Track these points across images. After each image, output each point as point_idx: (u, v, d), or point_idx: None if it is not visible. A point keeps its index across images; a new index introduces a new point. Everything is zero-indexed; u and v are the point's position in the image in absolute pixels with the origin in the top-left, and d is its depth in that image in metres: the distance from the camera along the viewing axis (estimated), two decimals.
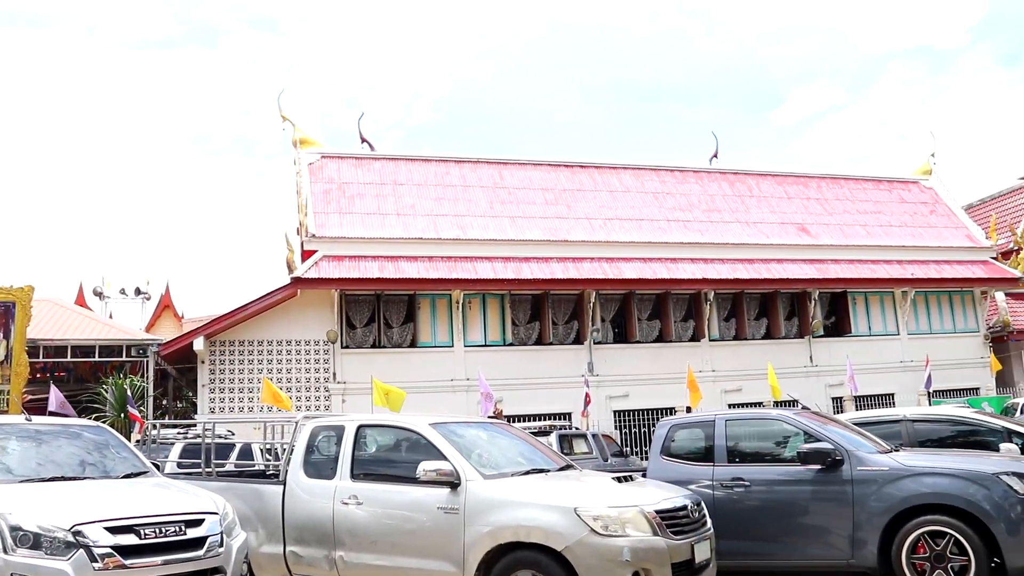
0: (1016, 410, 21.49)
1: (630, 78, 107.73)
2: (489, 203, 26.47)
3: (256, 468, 11.84)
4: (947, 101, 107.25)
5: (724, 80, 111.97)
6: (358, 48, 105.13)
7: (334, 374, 23.17)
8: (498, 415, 20.06)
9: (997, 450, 9.99)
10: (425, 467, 7.57)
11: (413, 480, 7.68)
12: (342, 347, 23.39)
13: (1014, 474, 8.22)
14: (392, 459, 8.61)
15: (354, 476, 8.26)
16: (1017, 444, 10.32)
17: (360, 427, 8.61)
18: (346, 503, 8.07)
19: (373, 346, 23.73)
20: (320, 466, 8.59)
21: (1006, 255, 32.67)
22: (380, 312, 23.93)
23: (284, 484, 8.64)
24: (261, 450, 15.36)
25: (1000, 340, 31.04)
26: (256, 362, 22.94)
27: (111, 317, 31.51)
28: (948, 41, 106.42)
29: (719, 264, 26.68)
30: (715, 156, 31.74)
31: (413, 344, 23.97)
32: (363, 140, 27.95)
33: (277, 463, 9.54)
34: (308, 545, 8.26)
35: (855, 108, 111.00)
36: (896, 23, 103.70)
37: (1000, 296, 31.29)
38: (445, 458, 7.72)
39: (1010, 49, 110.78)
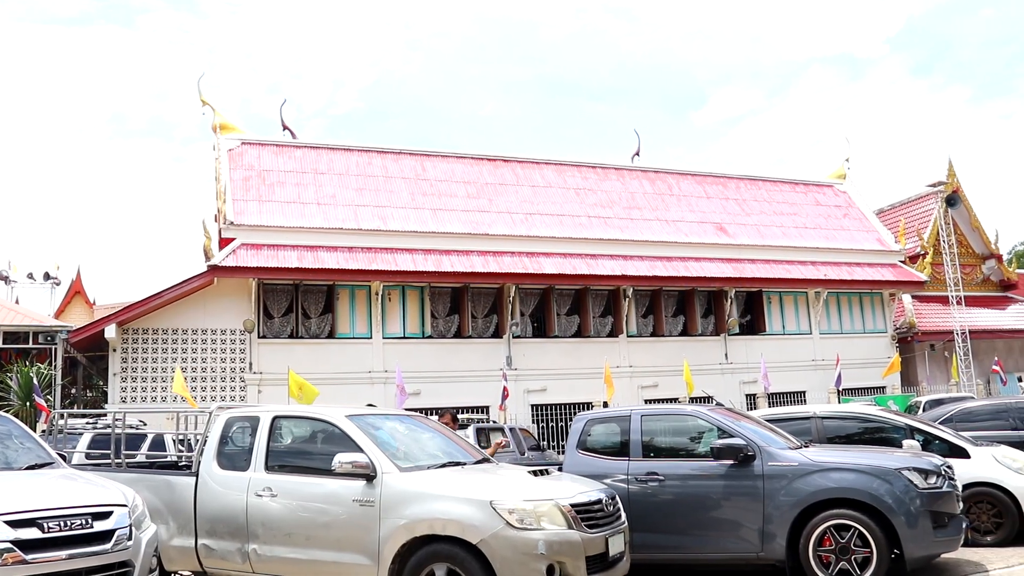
0: (919, 408, 22.15)
1: (555, 74, 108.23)
2: (411, 195, 26.35)
3: (168, 459, 11.60)
4: (862, 108, 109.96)
5: (647, 79, 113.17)
6: (282, 33, 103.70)
7: (250, 364, 22.85)
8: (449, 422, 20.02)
9: (900, 446, 10.29)
10: (341, 459, 7.51)
11: (329, 472, 7.61)
12: (259, 337, 23.08)
13: (914, 469, 8.50)
14: (308, 451, 8.52)
15: (269, 468, 8.15)
16: (919, 440, 10.66)
17: (276, 418, 8.51)
18: (260, 495, 7.96)
19: (291, 336, 23.46)
20: (234, 457, 8.46)
21: (913, 259, 33.69)
22: (298, 302, 23.67)
23: (197, 476, 8.49)
24: (174, 441, 15.06)
25: (906, 341, 31.99)
26: (170, 351, 22.49)
27: (17, 302, 30.55)
28: (867, 50, 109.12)
29: (638, 261, 26.96)
30: (637, 154, 32.08)
31: (331, 335, 23.76)
32: (285, 127, 27.61)
33: (190, 454, 9.37)
34: (220, 538, 8.13)
35: (774, 111, 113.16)
36: (818, 30, 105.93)
37: (907, 298, 32.25)
38: (361, 450, 7.67)
39: (923, 60, 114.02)
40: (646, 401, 25.25)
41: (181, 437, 12.60)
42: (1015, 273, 38.64)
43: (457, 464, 8.18)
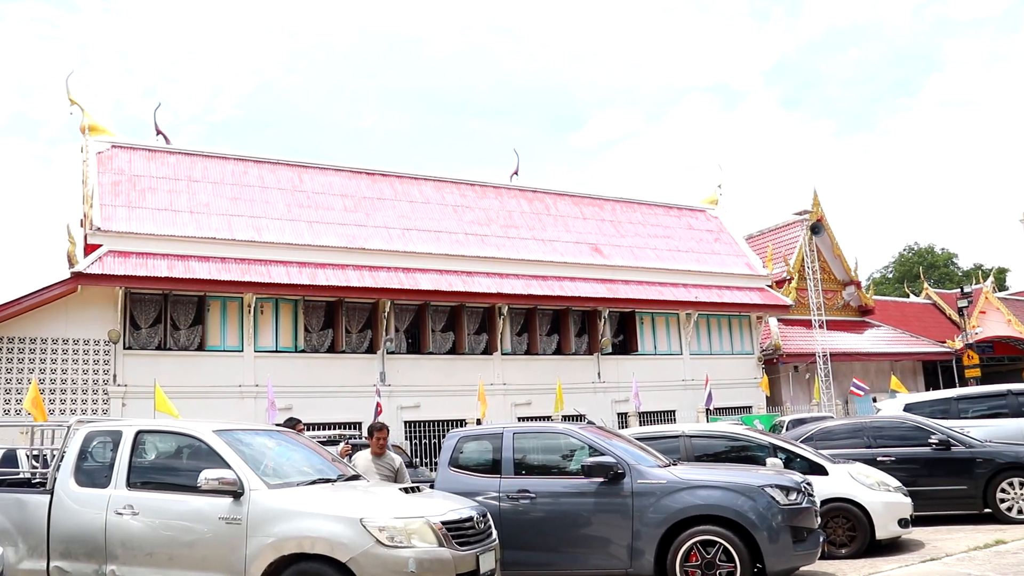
0: (783, 427, 22.92)
1: (437, 90, 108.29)
2: (287, 206, 25.93)
3: (20, 476, 11.07)
4: (736, 136, 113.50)
5: (528, 99, 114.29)
6: (159, 34, 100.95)
7: (115, 376, 22.03)
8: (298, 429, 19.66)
9: (764, 464, 10.62)
10: (207, 475, 7.30)
11: (194, 489, 7.39)
12: (124, 348, 22.28)
13: (777, 487, 8.79)
14: (173, 467, 8.25)
15: (131, 485, 7.84)
16: (781, 458, 11.03)
17: (139, 433, 8.20)
18: (121, 513, 7.66)
19: (159, 348, 22.73)
20: (93, 474, 8.12)
21: (780, 283, 34.93)
22: (167, 313, 22.98)
23: (51, 493, 8.11)
24: (28, 456, 14.38)
25: (771, 362, 33.07)
26: (28, 361, 21.52)
27: None
28: (742, 81, 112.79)
29: (514, 279, 27.15)
30: (516, 173, 32.33)
31: (201, 347, 23.14)
32: (159, 132, 26.81)
33: (45, 471, 8.95)
34: (76, 559, 7.77)
35: (652, 136, 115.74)
36: (697, 60, 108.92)
37: (773, 321, 33.39)
38: (229, 466, 7.47)
39: (794, 94, 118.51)
40: (519, 419, 25.41)
41: (36, 453, 12.04)
42: (872, 300, 40.43)
43: (327, 481, 8.06)
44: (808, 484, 9.32)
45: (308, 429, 20.32)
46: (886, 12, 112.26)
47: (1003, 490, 13.06)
